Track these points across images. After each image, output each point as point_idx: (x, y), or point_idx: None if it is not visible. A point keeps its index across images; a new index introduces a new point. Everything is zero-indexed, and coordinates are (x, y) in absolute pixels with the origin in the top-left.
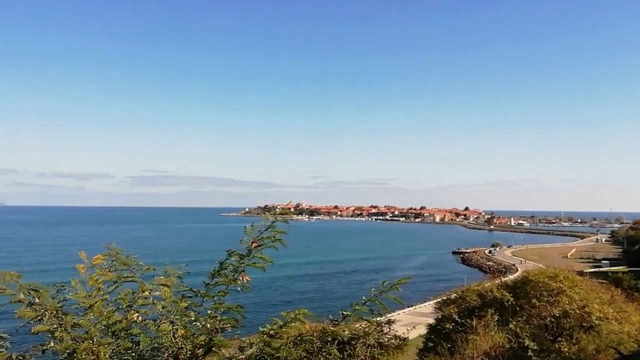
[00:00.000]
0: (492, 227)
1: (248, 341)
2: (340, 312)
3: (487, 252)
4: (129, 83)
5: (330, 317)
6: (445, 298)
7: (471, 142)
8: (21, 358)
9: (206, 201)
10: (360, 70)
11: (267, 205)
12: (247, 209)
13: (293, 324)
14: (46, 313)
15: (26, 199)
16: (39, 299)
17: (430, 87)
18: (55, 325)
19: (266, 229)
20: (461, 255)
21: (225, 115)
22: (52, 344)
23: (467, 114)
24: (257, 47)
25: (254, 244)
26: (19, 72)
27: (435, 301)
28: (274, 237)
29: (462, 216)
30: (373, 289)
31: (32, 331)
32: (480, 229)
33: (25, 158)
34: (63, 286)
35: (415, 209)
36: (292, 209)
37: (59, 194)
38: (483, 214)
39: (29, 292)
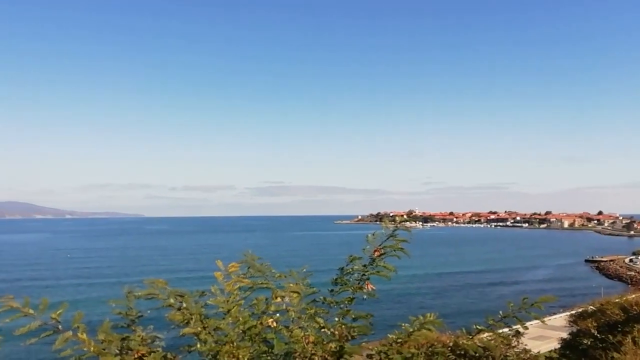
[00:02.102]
0: (632, 232)
1: (375, 349)
2: (475, 326)
3: (627, 260)
4: (247, 102)
5: (464, 329)
6: (580, 310)
7: (603, 138)
8: (171, 357)
9: (319, 209)
10: (475, 69)
11: (379, 213)
12: (359, 217)
13: (421, 331)
14: (192, 317)
15: (160, 211)
16: (185, 304)
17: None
18: (199, 329)
19: (388, 238)
20: (596, 265)
21: (332, 124)
22: (198, 345)
23: (595, 107)
24: (352, 53)
25: (376, 253)
26: (156, 99)
27: (568, 314)
28: (397, 245)
29: (595, 221)
30: (512, 304)
31: (181, 333)
32: (617, 235)
33: (159, 174)
34: (204, 292)
35: (539, 214)
36: (405, 216)
37: (187, 205)
38: (620, 218)
39: (176, 298)
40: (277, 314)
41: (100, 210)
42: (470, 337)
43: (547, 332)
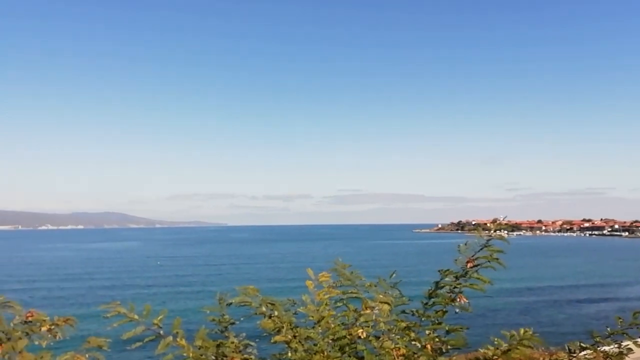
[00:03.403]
0: None
1: None
2: (578, 344)
3: None
4: (326, 109)
5: (567, 346)
6: None
7: None
8: None
9: (397, 218)
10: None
11: (460, 221)
12: (439, 225)
13: (519, 348)
14: (283, 325)
15: (242, 219)
16: (276, 312)
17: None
18: (290, 337)
19: (481, 248)
20: None
21: (409, 130)
22: (289, 354)
23: None
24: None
25: (469, 264)
26: (238, 109)
27: None
28: (491, 256)
29: None
30: (621, 320)
31: (272, 341)
32: None
33: (241, 184)
34: (295, 301)
35: None
36: (488, 224)
37: (267, 214)
38: None
39: (267, 305)
40: (367, 325)
41: (187, 219)
42: (573, 356)
43: None
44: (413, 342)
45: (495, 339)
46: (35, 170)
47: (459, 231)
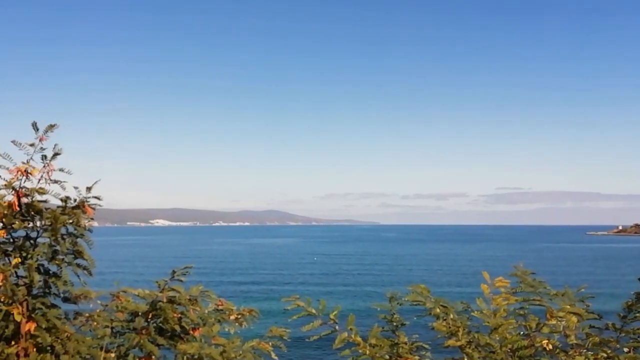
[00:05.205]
0: None
1: None
2: None
3: None
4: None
5: None
6: None
7: None
8: None
9: (567, 218)
10: None
11: None
12: (620, 227)
13: None
14: (459, 329)
15: (393, 219)
16: (451, 314)
17: None
18: (464, 342)
19: None
20: None
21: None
22: (465, 358)
23: None
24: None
25: None
26: (390, 109)
27: None
28: None
29: None
30: None
31: (445, 344)
32: None
33: (393, 183)
34: (469, 305)
35: None
36: None
37: (419, 213)
38: None
39: (440, 307)
40: (552, 337)
41: (341, 217)
42: None
43: None
44: None
45: None
46: (210, 174)
47: None
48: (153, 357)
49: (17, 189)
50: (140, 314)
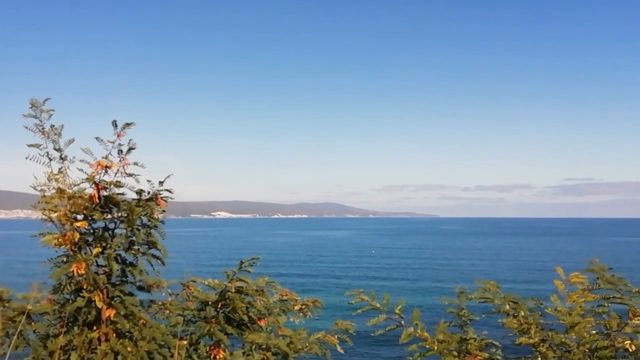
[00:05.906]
0: None
1: None
2: None
3: None
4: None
5: None
6: None
7: None
8: None
9: None
10: None
11: None
12: None
13: None
14: (531, 327)
15: (453, 211)
16: (522, 311)
17: None
18: (538, 340)
19: None
20: None
21: None
22: (539, 358)
23: None
24: None
25: None
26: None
27: None
28: None
29: None
30: None
31: (517, 342)
32: None
33: (453, 175)
34: (542, 302)
35: None
36: None
37: (481, 205)
38: None
39: (510, 304)
40: (637, 337)
41: (398, 210)
42: None
43: None
44: None
45: None
46: (269, 168)
47: None
48: (222, 345)
49: (97, 182)
50: (210, 303)
